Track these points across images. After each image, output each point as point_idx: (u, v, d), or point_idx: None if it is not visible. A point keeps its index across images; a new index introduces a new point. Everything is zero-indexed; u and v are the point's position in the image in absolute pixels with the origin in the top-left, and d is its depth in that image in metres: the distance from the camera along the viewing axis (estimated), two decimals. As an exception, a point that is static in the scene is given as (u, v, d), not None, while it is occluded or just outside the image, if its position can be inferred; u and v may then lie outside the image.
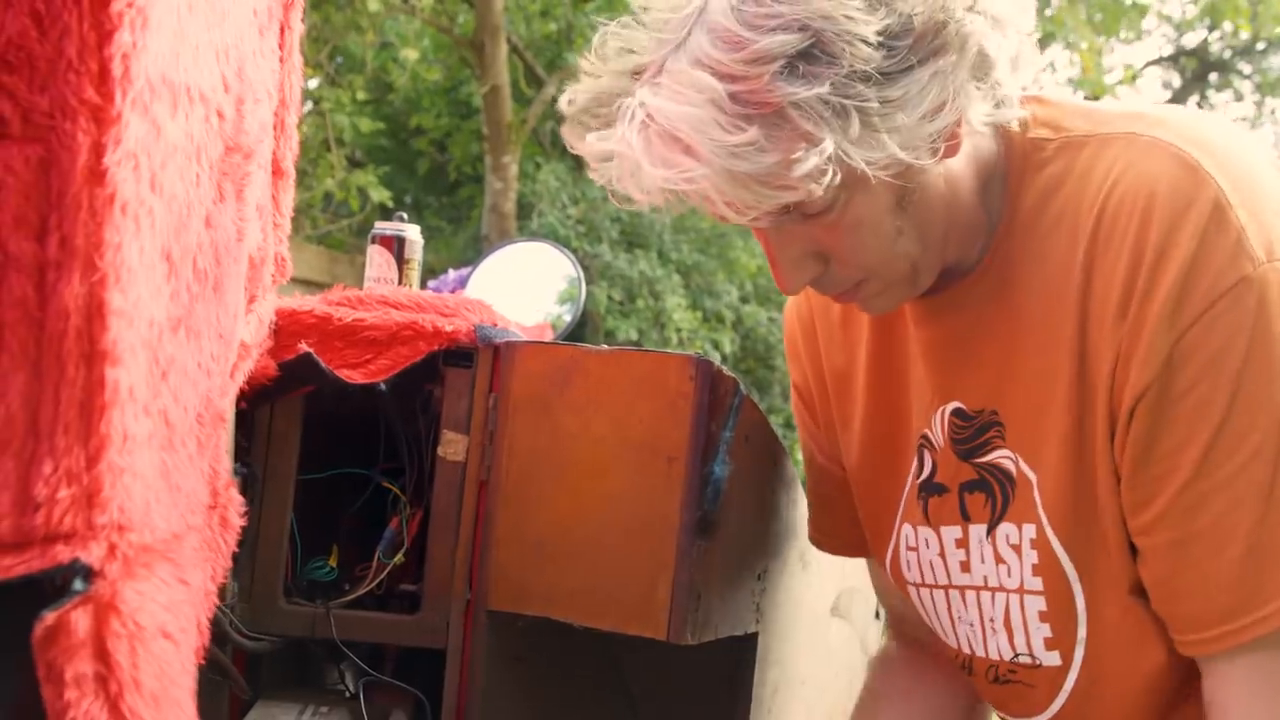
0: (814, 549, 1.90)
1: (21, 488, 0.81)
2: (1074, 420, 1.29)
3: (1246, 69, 16.95)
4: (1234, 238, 1.18)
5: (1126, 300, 1.22)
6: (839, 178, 1.15)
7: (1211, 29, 16.15)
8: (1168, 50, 17.28)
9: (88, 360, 0.81)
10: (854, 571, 2.52)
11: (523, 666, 1.61)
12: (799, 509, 1.85)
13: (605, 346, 1.51)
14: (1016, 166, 1.33)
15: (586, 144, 1.24)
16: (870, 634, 2.59)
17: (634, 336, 9.74)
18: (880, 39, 1.13)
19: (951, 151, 1.24)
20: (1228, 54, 16.55)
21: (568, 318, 2.18)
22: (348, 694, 1.58)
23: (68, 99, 0.80)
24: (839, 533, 1.69)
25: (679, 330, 9.99)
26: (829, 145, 1.12)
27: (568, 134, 1.28)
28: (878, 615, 2.68)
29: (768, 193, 1.16)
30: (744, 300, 11.19)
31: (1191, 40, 16.85)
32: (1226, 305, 1.17)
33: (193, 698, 1.00)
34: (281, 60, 1.31)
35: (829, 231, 1.25)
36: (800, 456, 1.75)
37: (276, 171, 1.37)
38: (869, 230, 1.25)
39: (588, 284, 2.48)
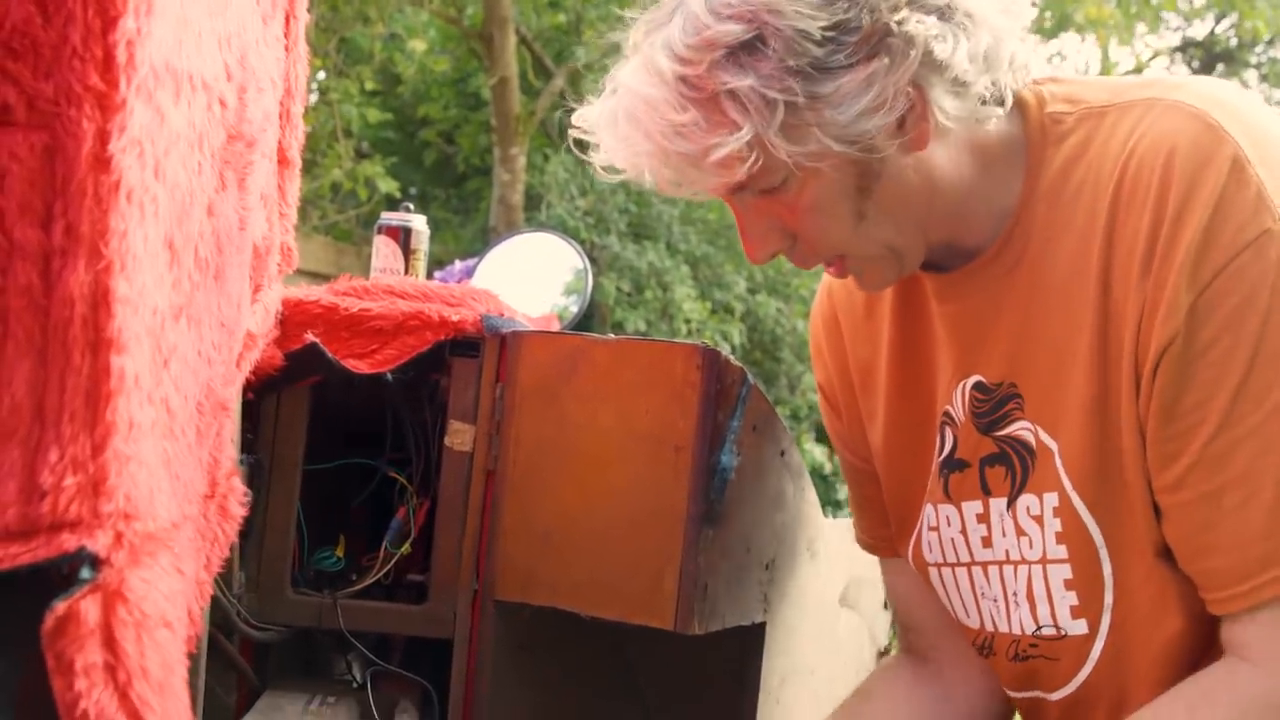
0: (822, 538, 1.89)
1: (28, 476, 0.80)
2: (1097, 382, 1.29)
3: (1254, 59, 16.89)
4: (1254, 192, 1.20)
5: (1149, 256, 1.23)
6: (761, 162, 1.21)
7: (1219, 19, 16.10)
8: (1175, 41, 17.23)
9: (93, 348, 0.81)
10: (862, 562, 2.51)
11: (530, 656, 1.61)
12: (806, 498, 1.85)
13: (612, 336, 1.50)
14: (1036, 142, 1.35)
15: (579, 113, 1.34)
16: (879, 624, 2.59)
17: (642, 328, 9.73)
18: (824, 35, 1.18)
19: (918, 145, 1.27)
20: (1235, 44, 16.49)
21: (574, 308, 2.18)
22: (355, 684, 1.58)
23: (72, 86, 0.80)
24: (870, 531, 1.68)
25: (688, 321, 9.97)
26: (747, 133, 1.19)
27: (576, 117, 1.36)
28: (886, 605, 2.68)
29: (707, 172, 1.24)
30: (753, 291, 11.17)
31: (1199, 31, 16.81)
32: (1249, 258, 1.19)
33: (186, 687, 1.00)
34: (287, 49, 1.31)
35: (789, 211, 1.30)
36: (808, 446, 1.75)
37: (282, 161, 1.37)
38: (826, 214, 1.30)
39: (596, 275, 2.48)
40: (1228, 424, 1.21)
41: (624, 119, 1.26)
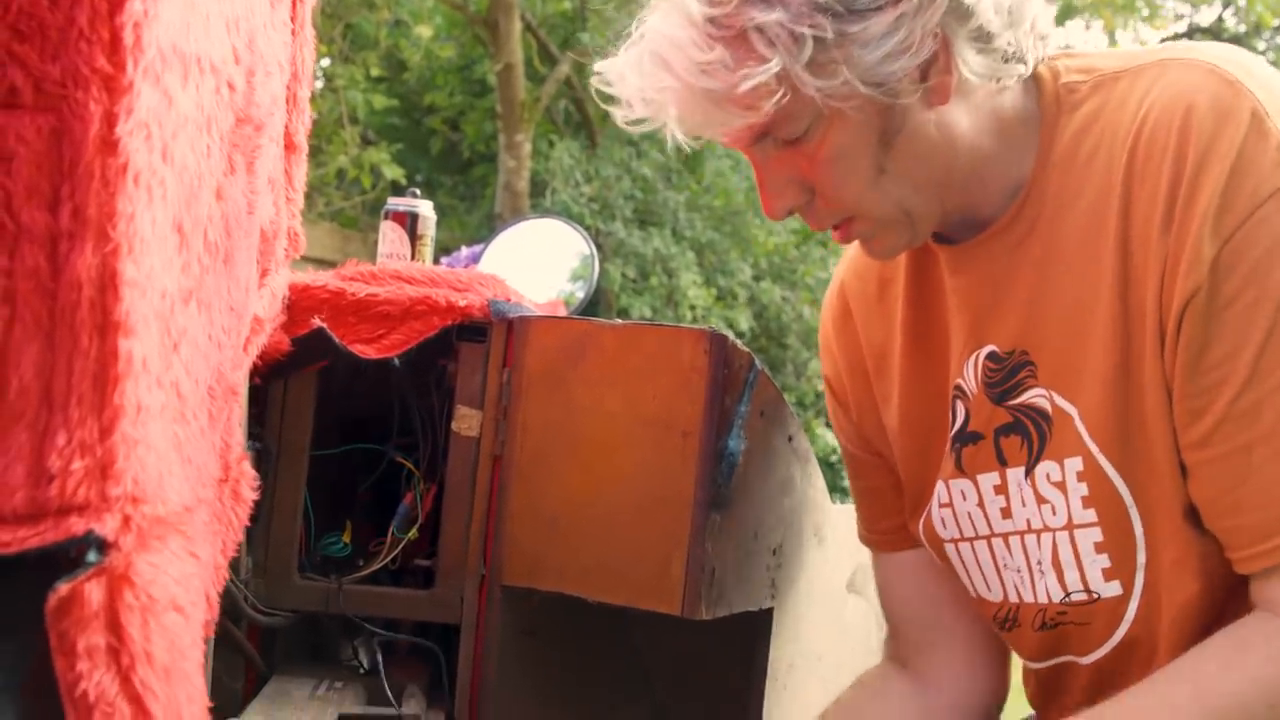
0: (829, 524, 1.89)
1: (35, 459, 0.80)
2: (1118, 344, 1.30)
3: (1260, 46, 16.85)
4: (1275, 144, 1.20)
5: (1169, 213, 1.24)
6: (788, 98, 1.22)
7: (1226, 5, 16.06)
8: (1181, 27, 17.18)
9: (101, 331, 0.81)
10: (869, 548, 2.51)
11: (536, 642, 1.61)
12: (814, 484, 1.84)
13: (619, 321, 1.50)
14: (1050, 112, 1.36)
15: (603, 63, 1.34)
16: (884, 610, 2.58)
17: (648, 314, 9.74)
18: None
19: (939, 99, 1.29)
20: (1242, 31, 16.45)
21: (581, 294, 2.18)
22: (362, 669, 1.58)
23: (79, 68, 0.80)
24: (876, 524, 1.68)
25: (693, 308, 9.98)
26: (775, 65, 1.20)
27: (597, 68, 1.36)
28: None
29: (732, 112, 1.25)
30: (758, 278, 11.17)
31: (1206, 18, 16.76)
32: (1272, 209, 1.19)
33: (201, 671, 1.00)
34: (293, 33, 1.30)
35: (810, 162, 1.31)
36: (820, 431, 1.75)
37: (289, 145, 1.37)
38: (847, 164, 1.30)
39: (601, 261, 2.47)
40: (1254, 379, 1.21)
41: (650, 61, 1.27)
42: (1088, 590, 1.38)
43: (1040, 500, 1.39)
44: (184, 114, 0.91)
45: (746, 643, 1.75)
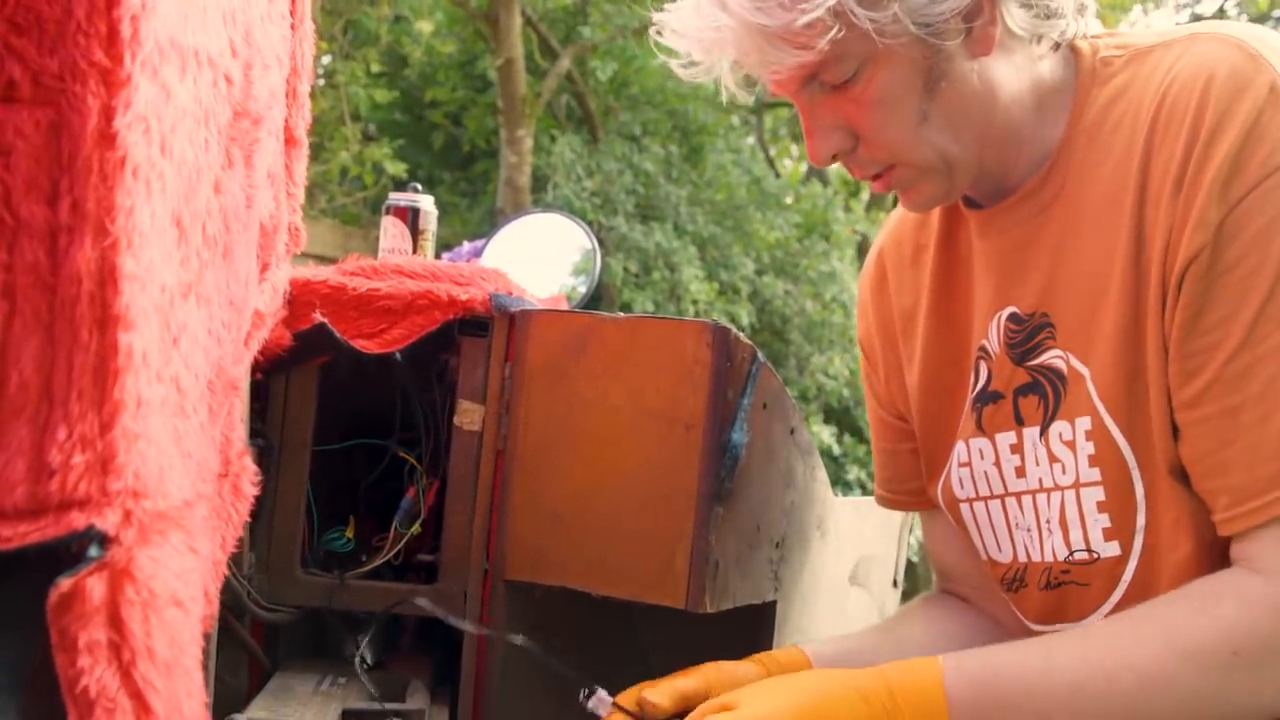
0: (832, 517, 1.89)
1: (36, 454, 0.80)
2: (1128, 305, 1.32)
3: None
4: None
5: (1182, 175, 1.26)
6: (843, 33, 1.26)
7: (1228, -4, 16.06)
8: (1184, 17, 17.17)
9: (100, 325, 0.80)
10: (872, 540, 2.52)
11: (540, 636, 1.60)
12: (816, 477, 1.84)
13: (622, 314, 1.50)
14: (1085, 83, 1.40)
15: (658, 14, 1.37)
16: (888, 602, 2.59)
17: (650, 309, 9.73)
18: None
19: (983, 49, 1.33)
20: (1244, 19, 16.44)
21: (583, 289, 2.18)
22: (365, 664, 1.58)
23: (77, 61, 0.79)
24: (898, 486, 1.72)
25: (695, 302, 9.98)
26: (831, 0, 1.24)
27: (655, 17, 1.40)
28: (895, 584, 2.68)
29: (786, 50, 1.29)
30: (760, 273, 11.17)
31: (1208, 8, 16.74)
32: (1279, 180, 1.21)
33: (200, 666, 0.99)
34: (293, 27, 1.30)
35: (856, 105, 1.35)
36: (816, 428, 1.77)
37: (289, 139, 1.36)
38: (891, 107, 1.34)
39: (603, 256, 2.47)
40: (1249, 342, 1.22)
41: (708, 4, 1.30)
42: (1089, 549, 1.40)
43: (1052, 459, 1.42)
44: (182, 107, 0.91)
45: (750, 636, 1.75)
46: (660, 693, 1.37)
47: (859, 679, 1.31)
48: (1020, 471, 1.47)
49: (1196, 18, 16.42)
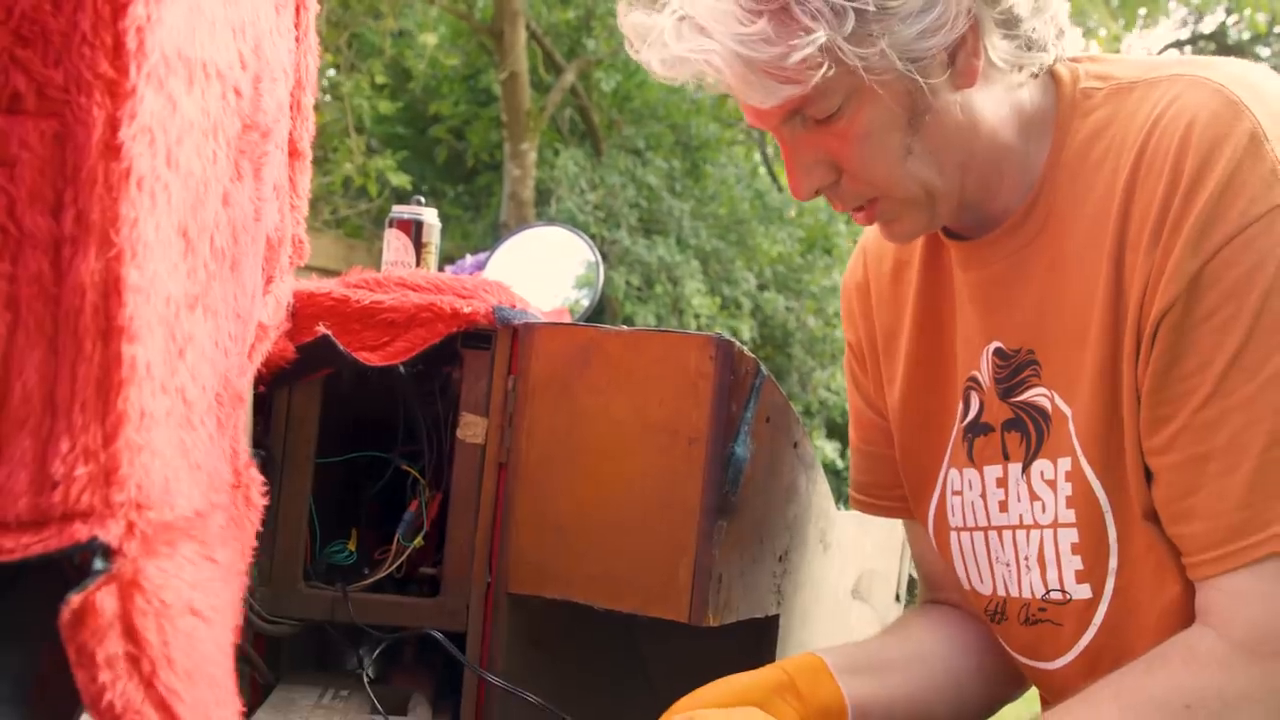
0: (834, 530, 1.88)
1: (39, 466, 0.80)
2: (1107, 347, 1.32)
3: (1265, 53, 16.83)
4: (1269, 168, 1.21)
5: (1160, 225, 1.25)
6: (833, 70, 1.24)
7: (1229, 12, 16.06)
8: (1185, 34, 17.18)
9: (104, 336, 0.80)
10: (874, 554, 2.51)
11: (543, 650, 1.60)
12: (819, 490, 1.84)
13: (625, 328, 1.50)
14: (1065, 114, 1.39)
15: (630, 20, 1.33)
16: (890, 617, 2.58)
17: (652, 322, 9.74)
18: None
19: (966, 81, 1.32)
20: (1246, 37, 16.44)
21: (586, 302, 2.18)
22: (368, 678, 1.58)
23: (82, 73, 0.79)
24: (881, 492, 1.72)
25: (697, 316, 9.98)
26: (821, 36, 1.22)
27: (621, 9, 1.37)
28: (898, 598, 2.68)
29: (772, 84, 1.27)
30: (762, 287, 11.17)
31: (1209, 24, 16.76)
32: (1258, 231, 1.20)
33: (232, 676, 0.99)
34: (298, 40, 1.30)
35: (839, 140, 1.33)
36: (819, 443, 1.77)
37: (293, 152, 1.36)
38: (876, 143, 1.33)
39: (606, 269, 2.47)
40: (1219, 392, 1.22)
41: (689, 28, 1.27)
42: (1063, 590, 1.41)
43: (1033, 497, 1.42)
44: (189, 119, 0.91)
45: (753, 650, 1.75)
46: None
47: None
48: (1003, 506, 1.47)
49: (1198, 34, 16.45)
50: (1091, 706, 1.26)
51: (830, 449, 10.02)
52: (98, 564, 0.82)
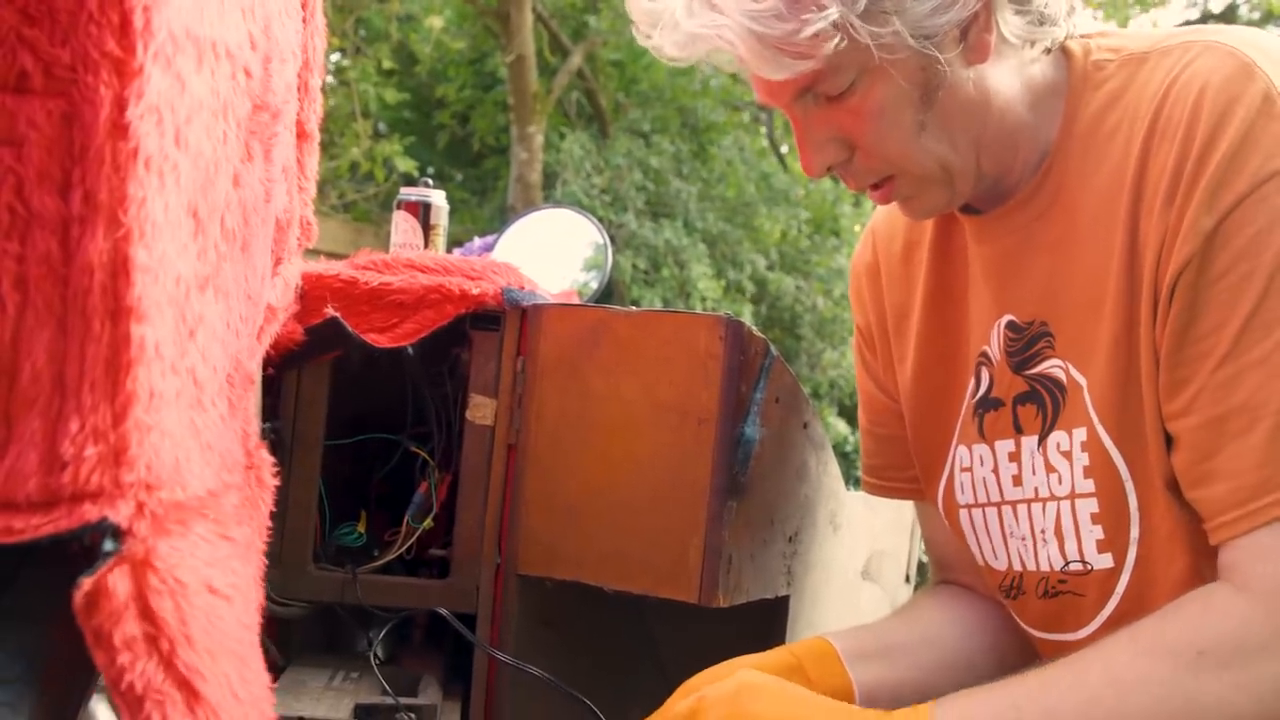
0: (844, 511, 1.88)
1: (48, 446, 0.80)
2: (1123, 313, 1.31)
3: (1277, 33, 16.74)
4: None
5: (1174, 186, 1.25)
6: (845, 44, 1.24)
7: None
8: (1194, 14, 17.11)
9: (113, 316, 0.80)
10: (884, 534, 2.51)
11: (553, 631, 1.60)
12: (829, 471, 1.84)
13: (634, 308, 1.49)
14: (1077, 87, 1.39)
15: (639, 5, 1.33)
16: (900, 597, 2.58)
17: (659, 305, 9.73)
18: None
19: (978, 56, 1.32)
20: (1257, 16, 16.37)
21: (594, 284, 2.17)
22: (378, 659, 1.58)
23: (89, 52, 0.79)
24: (892, 474, 1.72)
25: (704, 299, 9.98)
26: (834, 13, 1.22)
27: None
28: (908, 579, 2.68)
29: (784, 59, 1.26)
30: (770, 269, 11.16)
31: (1217, 4, 16.69)
32: (1272, 189, 1.20)
33: (258, 652, 0.99)
34: (305, 21, 1.29)
35: (852, 117, 1.33)
36: (830, 420, 1.77)
37: (301, 133, 1.36)
38: (889, 120, 1.33)
39: (613, 253, 2.47)
40: (1236, 351, 1.22)
41: (700, 6, 1.27)
42: (1083, 561, 1.40)
43: (1049, 469, 1.42)
44: (198, 99, 0.90)
45: (763, 631, 1.75)
46: None
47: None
48: (1017, 480, 1.46)
49: (1207, 15, 16.39)
50: (1105, 653, 1.25)
51: (841, 426, 10.02)
52: (108, 545, 0.82)
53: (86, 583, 0.80)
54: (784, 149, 14.15)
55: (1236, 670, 1.20)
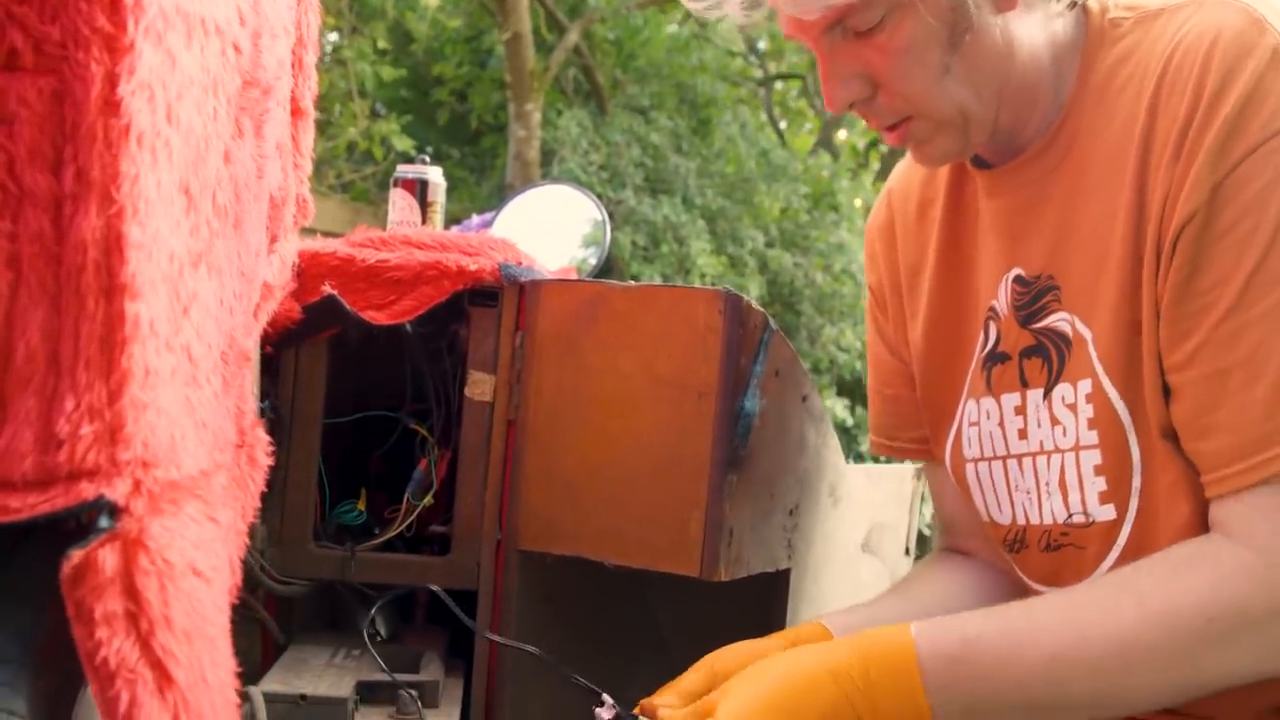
0: (844, 484, 1.88)
1: (44, 425, 0.79)
2: (1129, 266, 1.32)
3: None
4: None
5: (1182, 138, 1.26)
6: None
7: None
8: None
9: (107, 294, 0.80)
10: (884, 507, 2.51)
11: (554, 606, 1.60)
12: (829, 444, 1.84)
13: (633, 283, 1.49)
14: (1093, 43, 1.41)
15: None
16: (900, 570, 2.58)
17: (658, 282, 9.71)
18: None
19: (1007, 4, 1.34)
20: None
21: (593, 260, 2.17)
22: (379, 637, 1.58)
23: (79, 28, 0.79)
24: (900, 434, 1.72)
25: (703, 275, 9.96)
26: None
27: None
28: (908, 551, 2.68)
29: None
30: (769, 245, 11.14)
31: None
32: (1279, 144, 1.21)
33: (227, 636, 0.99)
34: (298, -3, 1.29)
35: (879, 53, 1.35)
36: (829, 402, 1.77)
37: (296, 111, 1.35)
38: (915, 57, 1.34)
39: (612, 229, 2.46)
40: (1240, 305, 1.22)
41: None
42: (1086, 512, 1.41)
43: (1054, 422, 1.42)
44: (189, 75, 0.90)
45: (763, 604, 1.75)
46: (669, 698, 1.36)
47: (831, 656, 1.28)
48: (1023, 434, 1.47)
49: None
50: (1112, 613, 1.25)
51: (840, 407, 10.02)
52: (103, 522, 0.82)
53: (76, 555, 0.80)
54: (783, 125, 14.12)
55: (1243, 635, 1.21)
